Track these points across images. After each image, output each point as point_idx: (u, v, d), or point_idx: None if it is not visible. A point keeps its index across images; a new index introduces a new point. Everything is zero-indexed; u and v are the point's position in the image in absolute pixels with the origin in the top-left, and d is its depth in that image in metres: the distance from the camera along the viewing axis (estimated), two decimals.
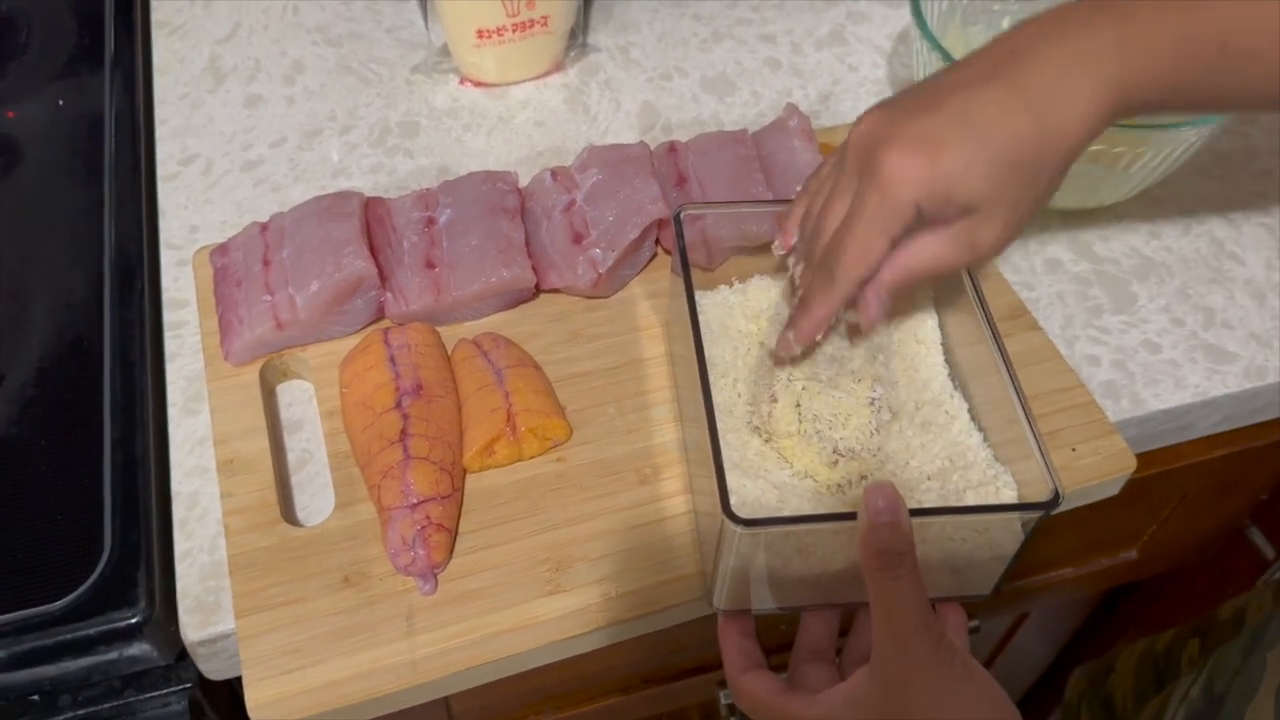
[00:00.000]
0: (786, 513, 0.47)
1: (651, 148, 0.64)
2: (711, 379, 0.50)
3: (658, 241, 0.61)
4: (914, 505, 0.48)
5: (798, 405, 0.50)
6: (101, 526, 0.52)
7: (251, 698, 0.46)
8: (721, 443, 0.45)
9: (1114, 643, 1.05)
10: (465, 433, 0.53)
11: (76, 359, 0.58)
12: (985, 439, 0.51)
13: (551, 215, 0.60)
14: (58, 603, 0.49)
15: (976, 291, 0.52)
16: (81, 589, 0.50)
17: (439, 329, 0.58)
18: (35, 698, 0.50)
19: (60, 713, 0.50)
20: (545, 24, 0.72)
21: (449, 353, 0.56)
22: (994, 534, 0.45)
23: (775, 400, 0.50)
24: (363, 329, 0.57)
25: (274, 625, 0.47)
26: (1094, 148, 0.59)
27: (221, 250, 0.58)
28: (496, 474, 0.53)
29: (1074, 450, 0.55)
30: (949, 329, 0.56)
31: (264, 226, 0.58)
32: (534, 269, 0.58)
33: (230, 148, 0.69)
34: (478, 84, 0.74)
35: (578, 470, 0.53)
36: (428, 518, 0.49)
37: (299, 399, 0.57)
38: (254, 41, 0.76)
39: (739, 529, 0.41)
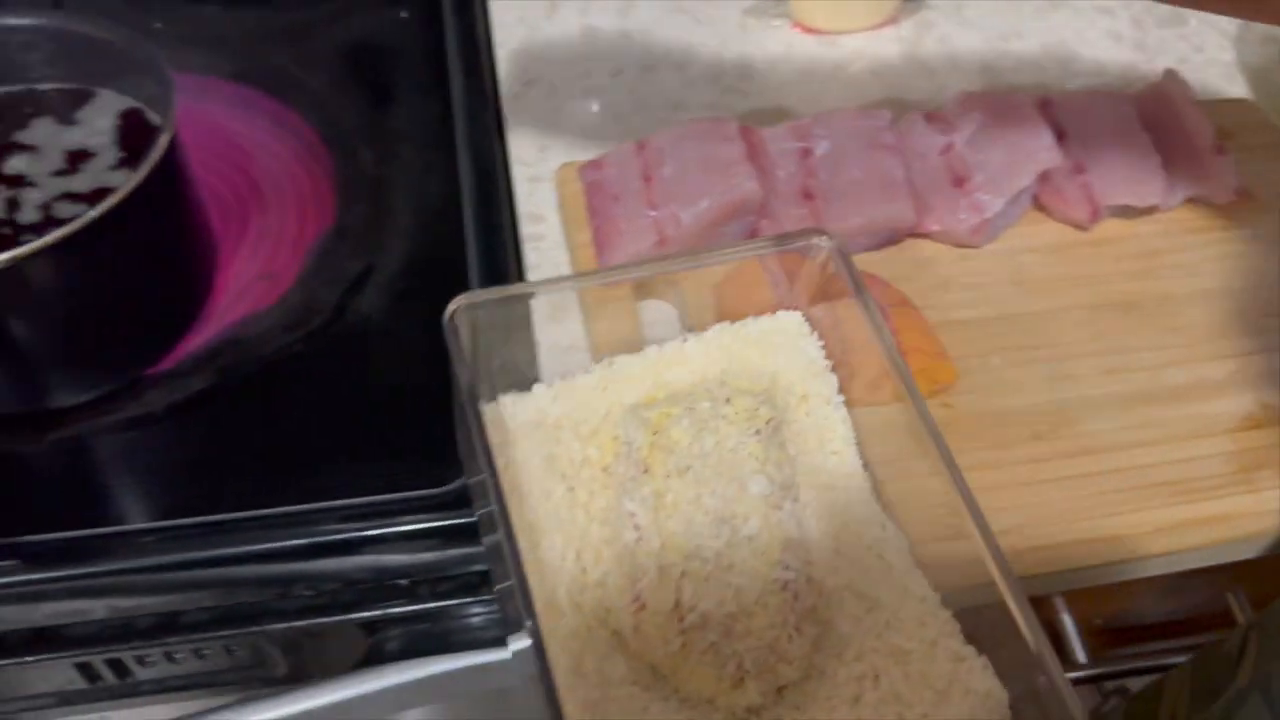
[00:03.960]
0: None
1: None
2: (529, 544, 0.34)
3: (1034, 196, 0.59)
4: None
5: (677, 606, 0.35)
6: None
7: None
8: (556, 672, 0.30)
9: None
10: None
11: (442, 260, 0.58)
12: (943, 598, 0.38)
13: (926, 157, 0.57)
14: (445, 488, 0.49)
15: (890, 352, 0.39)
16: (462, 480, 0.49)
17: None
18: (403, 582, 0.50)
19: (425, 600, 0.50)
20: None
21: None
22: None
23: (642, 605, 0.35)
24: None
25: None
26: None
27: (595, 165, 0.58)
28: (881, 411, 0.51)
29: None
30: (865, 425, 0.43)
31: (640, 145, 0.57)
32: None
33: (570, 74, 0.69)
34: (809, 30, 0.73)
35: (965, 418, 0.50)
36: None
37: (659, 319, 0.56)
38: None
39: None
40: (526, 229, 0.60)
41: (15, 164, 0.51)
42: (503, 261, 0.58)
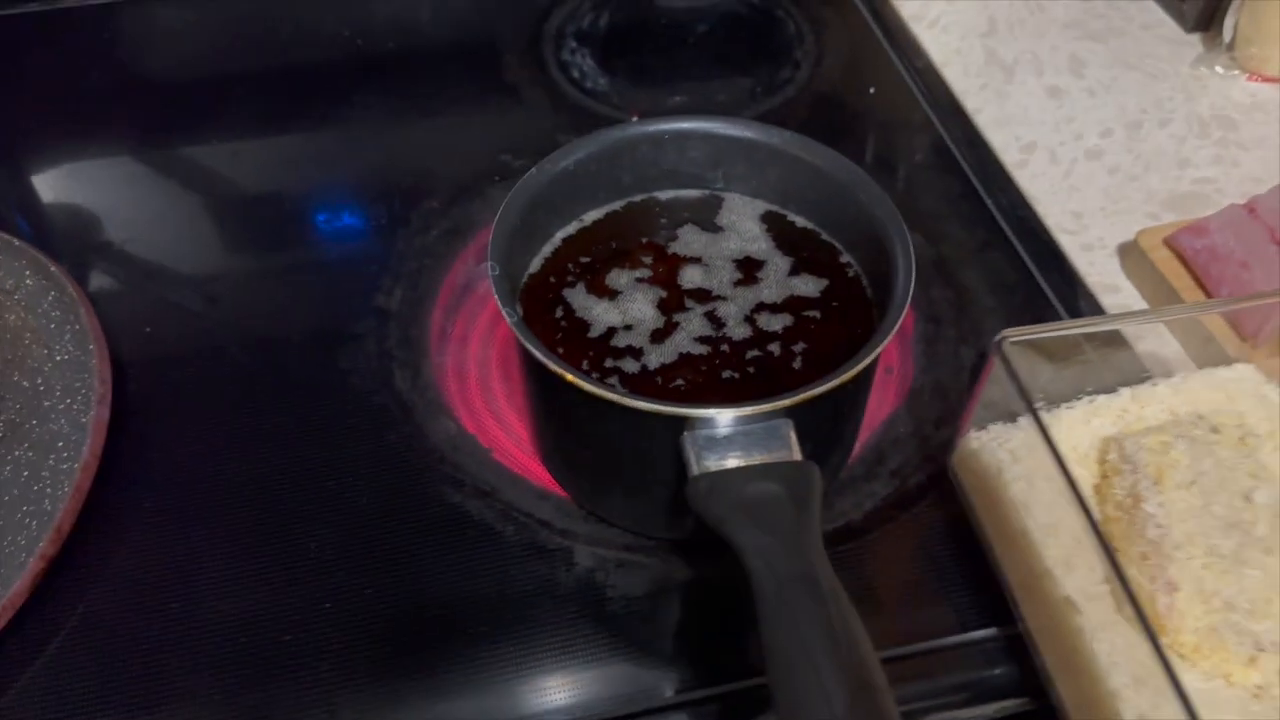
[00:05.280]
0: None
1: None
2: (1056, 554, 0.41)
3: None
4: None
5: (1202, 591, 0.41)
6: None
7: None
8: (1102, 652, 0.38)
9: None
10: None
11: None
12: None
13: None
14: None
15: None
16: None
17: None
18: None
19: None
20: None
21: None
22: None
23: (1175, 589, 0.41)
24: None
25: None
26: None
27: (1196, 231, 0.57)
28: None
29: None
30: None
31: (1248, 207, 0.56)
32: None
33: (1062, 137, 0.68)
34: (1265, 79, 0.72)
35: None
36: None
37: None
38: (1017, 36, 0.76)
39: None
40: (1104, 299, 0.59)
41: (691, 276, 0.49)
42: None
